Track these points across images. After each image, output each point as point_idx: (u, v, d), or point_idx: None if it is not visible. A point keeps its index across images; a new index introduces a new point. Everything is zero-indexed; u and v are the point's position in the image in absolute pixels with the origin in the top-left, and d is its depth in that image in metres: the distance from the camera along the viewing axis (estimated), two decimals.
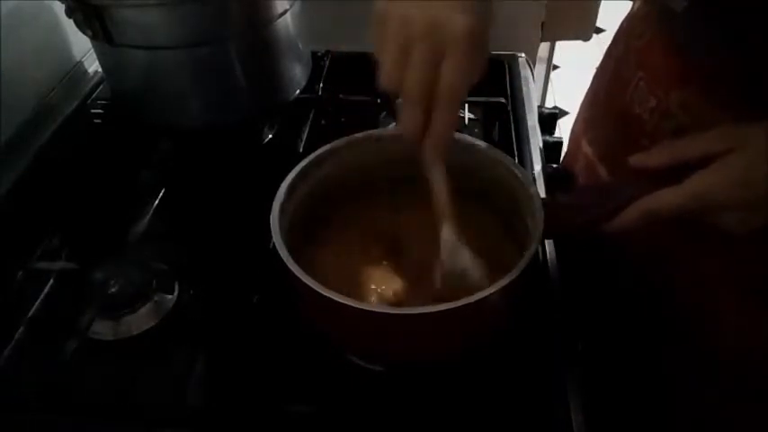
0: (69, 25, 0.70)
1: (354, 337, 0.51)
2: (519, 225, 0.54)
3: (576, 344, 0.55)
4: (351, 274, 0.56)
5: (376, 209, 0.61)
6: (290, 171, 0.55)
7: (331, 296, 0.45)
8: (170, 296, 0.58)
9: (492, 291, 0.45)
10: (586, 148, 0.69)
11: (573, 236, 0.58)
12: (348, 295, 0.45)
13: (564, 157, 0.79)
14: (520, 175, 0.54)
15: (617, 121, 0.62)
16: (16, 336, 0.56)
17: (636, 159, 0.49)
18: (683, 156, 0.46)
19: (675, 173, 0.45)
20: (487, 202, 0.58)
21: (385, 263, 0.57)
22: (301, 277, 0.46)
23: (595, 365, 0.57)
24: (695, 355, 0.60)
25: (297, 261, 0.47)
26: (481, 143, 0.58)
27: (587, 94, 0.72)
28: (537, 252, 0.47)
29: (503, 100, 0.81)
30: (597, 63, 0.70)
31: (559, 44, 1.50)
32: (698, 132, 0.48)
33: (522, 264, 0.46)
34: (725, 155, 0.43)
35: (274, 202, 0.52)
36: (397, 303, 0.53)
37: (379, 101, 0.80)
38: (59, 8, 0.68)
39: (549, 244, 0.62)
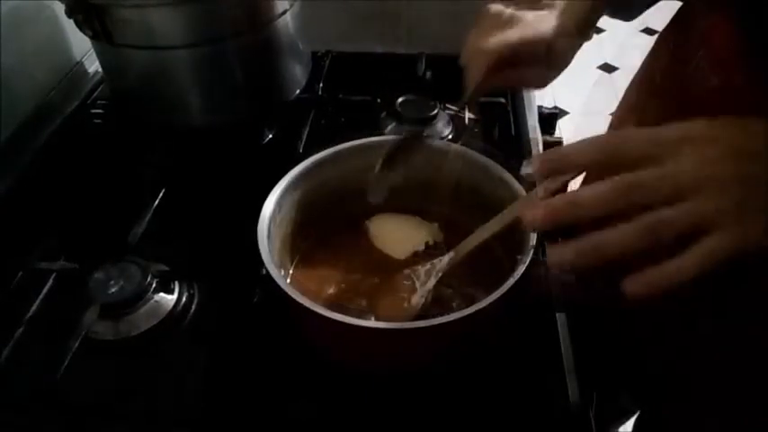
0: (69, 25, 0.70)
1: (349, 352, 0.51)
2: (517, 239, 0.53)
3: (577, 347, 0.54)
4: (345, 286, 0.56)
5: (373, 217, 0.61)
6: (289, 171, 0.55)
7: (323, 312, 0.45)
8: (170, 296, 0.58)
9: (487, 303, 0.45)
10: None
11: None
12: (341, 309, 0.45)
13: None
14: (522, 195, 0.53)
15: (672, 101, 0.59)
16: (16, 336, 0.56)
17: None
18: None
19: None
20: (489, 217, 0.58)
21: (379, 276, 0.57)
22: (293, 296, 0.46)
23: (596, 365, 0.57)
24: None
25: (289, 274, 0.47)
26: (485, 159, 0.58)
27: (634, 80, 0.69)
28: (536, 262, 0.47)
29: (503, 100, 0.81)
30: (597, 63, 0.69)
31: None
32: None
33: (513, 280, 0.46)
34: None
35: (261, 220, 0.52)
36: (391, 317, 0.53)
37: (379, 101, 0.80)
38: (59, 8, 0.68)
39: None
